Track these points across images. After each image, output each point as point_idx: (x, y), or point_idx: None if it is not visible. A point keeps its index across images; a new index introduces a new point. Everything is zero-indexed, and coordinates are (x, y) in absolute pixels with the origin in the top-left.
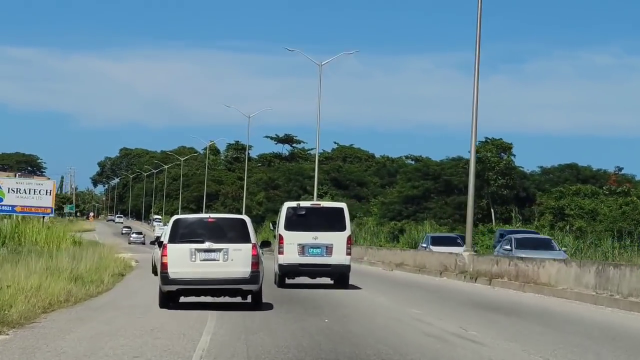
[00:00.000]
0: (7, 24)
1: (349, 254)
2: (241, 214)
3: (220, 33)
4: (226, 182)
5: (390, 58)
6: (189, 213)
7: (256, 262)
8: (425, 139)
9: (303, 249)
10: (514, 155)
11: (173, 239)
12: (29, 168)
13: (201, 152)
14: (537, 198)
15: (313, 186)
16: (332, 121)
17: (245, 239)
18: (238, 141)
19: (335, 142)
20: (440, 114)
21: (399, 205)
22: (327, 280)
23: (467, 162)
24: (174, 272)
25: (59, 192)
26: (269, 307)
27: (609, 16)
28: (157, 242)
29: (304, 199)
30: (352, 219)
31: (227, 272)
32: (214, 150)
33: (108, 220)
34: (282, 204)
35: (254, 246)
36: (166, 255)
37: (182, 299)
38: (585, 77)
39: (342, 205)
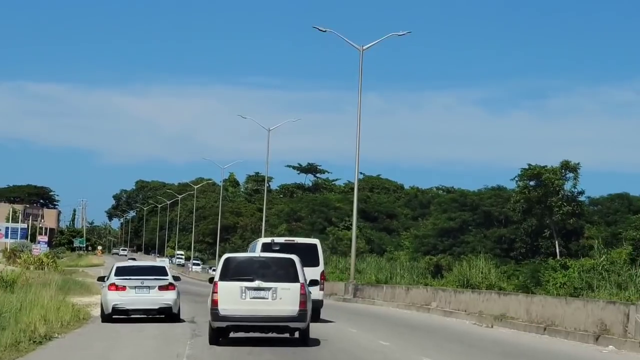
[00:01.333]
0: (29, 60)
1: (322, 289)
2: None
3: (243, 69)
4: (245, 213)
5: (413, 95)
6: (205, 246)
7: (304, 301)
8: (448, 175)
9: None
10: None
11: (224, 276)
12: (41, 200)
13: (219, 183)
14: (585, 230)
15: (339, 217)
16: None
17: (294, 278)
18: (258, 172)
19: (361, 173)
20: (463, 149)
21: (434, 239)
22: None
23: (513, 193)
24: (224, 308)
25: (70, 225)
26: (315, 343)
27: (631, 52)
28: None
29: (330, 231)
30: (382, 253)
31: (276, 310)
32: (234, 182)
33: (113, 254)
34: (306, 236)
35: (302, 285)
36: (217, 292)
37: None
38: (608, 113)
39: (316, 241)
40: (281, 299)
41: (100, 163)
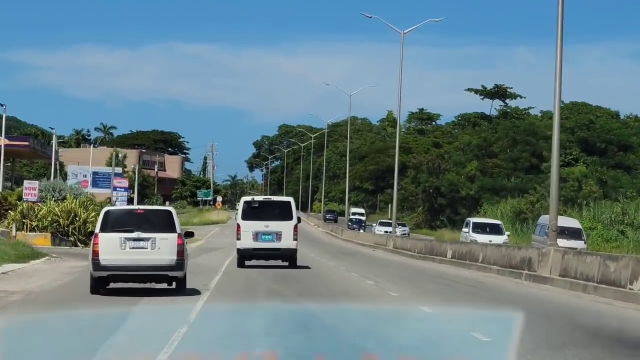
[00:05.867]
0: (180, 21)
1: (295, 239)
2: (441, 194)
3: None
4: (416, 150)
5: (565, 48)
6: (363, 197)
7: (181, 251)
8: None
9: (257, 235)
10: None
11: (104, 228)
12: (170, 149)
13: (376, 123)
14: None
15: (550, 150)
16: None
17: (172, 229)
18: (422, 109)
19: (562, 102)
20: (617, 103)
21: None
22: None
23: None
24: (104, 258)
25: (200, 174)
26: (193, 292)
27: None
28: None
29: (546, 169)
30: (618, 198)
31: (155, 259)
32: (393, 122)
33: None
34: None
35: (179, 236)
36: (97, 244)
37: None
38: None
39: (290, 199)
40: (159, 249)
41: (251, 122)
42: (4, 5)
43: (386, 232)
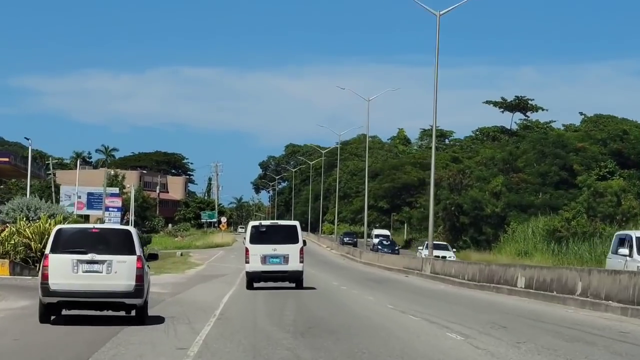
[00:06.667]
0: (184, 45)
1: (301, 261)
2: (463, 211)
3: (397, 47)
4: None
5: (569, 67)
6: (376, 216)
7: (141, 275)
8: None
9: (265, 258)
10: None
11: (55, 249)
12: (173, 170)
13: (388, 141)
14: None
15: (583, 164)
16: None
17: (130, 250)
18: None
19: (581, 113)
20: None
21: None
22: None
23: None
24: (54, 283)
25: (205, 196)
26: (157, 321)
27: None
28: None
29: (582, 181)
30: None
31: (111, 284)
32: (403, 140)
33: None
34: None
35: (139, 258)
36: (47, 266)
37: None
38: None
39: (295, 223)
40: (116, 273)
41: (257, 145)
42: (8, 31)
43: (439, 256)
